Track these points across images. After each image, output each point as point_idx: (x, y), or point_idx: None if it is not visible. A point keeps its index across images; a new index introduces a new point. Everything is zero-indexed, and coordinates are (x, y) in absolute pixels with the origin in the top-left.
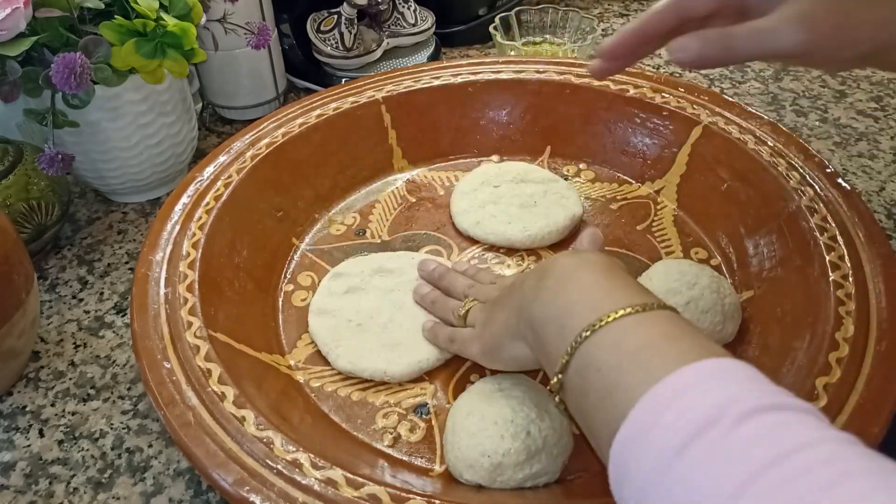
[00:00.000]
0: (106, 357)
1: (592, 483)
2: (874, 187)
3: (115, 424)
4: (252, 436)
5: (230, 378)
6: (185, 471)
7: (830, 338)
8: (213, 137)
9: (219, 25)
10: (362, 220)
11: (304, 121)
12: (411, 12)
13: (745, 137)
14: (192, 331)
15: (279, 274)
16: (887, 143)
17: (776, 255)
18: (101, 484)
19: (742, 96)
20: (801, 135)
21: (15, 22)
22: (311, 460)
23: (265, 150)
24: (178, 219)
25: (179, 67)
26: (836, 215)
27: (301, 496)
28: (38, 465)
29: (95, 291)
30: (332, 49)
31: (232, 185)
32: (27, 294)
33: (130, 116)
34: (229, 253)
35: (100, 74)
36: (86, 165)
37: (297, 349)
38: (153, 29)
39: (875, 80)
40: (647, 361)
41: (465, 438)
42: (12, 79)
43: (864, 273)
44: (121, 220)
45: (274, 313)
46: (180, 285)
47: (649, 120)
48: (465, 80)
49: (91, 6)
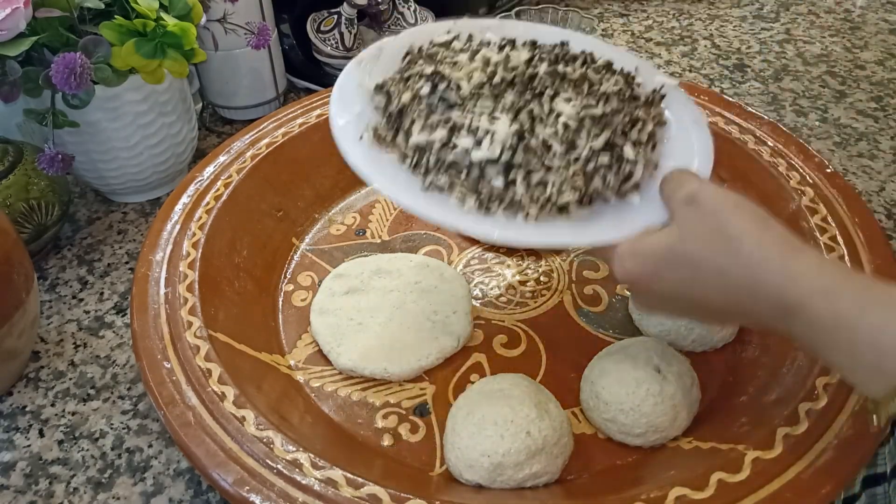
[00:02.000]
0: (106, 357)
1: (592, 483)
2: (874, 187)
3: (115, 424)
4: (252, 436)
5: (230, 378)
6: (185, 471)
7: None
8: (213, 137)
9: (219, 25)
10: (362, 220)
11: (304, 121)
12: (411, 12)
13: (745, 137)
14: (192, 331)
15: (279, 274)
16: (887, 143)
17: None
18: (101, 484)
19: (742, 96)
20: (801, 135)
21: (15, 22)
22: (311, 460)
23: (265, 150)
24: (178, 219)
25: (179, 67)
26: (836, 215)
27: (301, 496)
28: (38, 465)
29: (95, 291)
30: (332, 49)
31: (232, 184)
32: (27, 294)
33: (130, 116)
34: (229, 253)
35: (100, 74)
36: (86, 165)
37: (297, 349)
38: (153, 29)
39: (875, 80)
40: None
41: (465, 438)
42: (12, 79)
43: (864, 273)
44: (121, 220)
45: (274, 313)
46: (180, 285)
47: None
48: None
49: (91, 6)
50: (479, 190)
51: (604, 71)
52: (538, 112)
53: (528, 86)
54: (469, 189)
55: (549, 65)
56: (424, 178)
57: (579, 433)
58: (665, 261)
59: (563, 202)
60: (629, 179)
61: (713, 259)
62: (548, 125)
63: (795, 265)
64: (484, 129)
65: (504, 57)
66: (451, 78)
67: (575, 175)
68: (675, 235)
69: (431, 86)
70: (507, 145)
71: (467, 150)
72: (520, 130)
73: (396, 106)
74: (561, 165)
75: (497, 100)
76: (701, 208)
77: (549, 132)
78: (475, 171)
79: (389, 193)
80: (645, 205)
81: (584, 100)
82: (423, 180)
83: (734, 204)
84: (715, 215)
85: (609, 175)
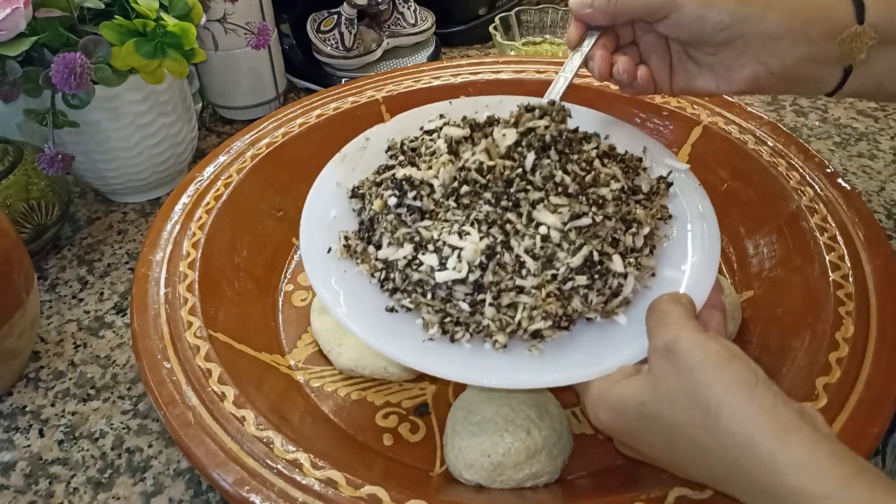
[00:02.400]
0: (106, 357)
1: (592, 483)
2: (874, 187)
3: (115, 424)
4: (252, 436)
5: (230, 378)
6: (185, 471)
7: (830, 338)
8: (213, 137)
9: (219, 25)
10: None
11: (304, 121)
12: (411, 12)
13: (745, 137)
14: (192, 331)
15: (279, 274)
16: (887, 143)
17: (776, 255)
18: (101, 484)
19: (742, 96)
20: (801, 135)
21: (15, 22)
22: (311, 460)
23: (265, 150)
24: (178, 219)
25: (179, 67)
26: (836, 215)
27: (301, 496)
28: (38, 465)
29: (95, 291)
30: (332, 49)
31: (232, 184)
32: (27, 294)
33: (130, 116)
34: (229, 253)
35: (100, 74)
36: (86, 165)
37: (297, 349)
38: (153, 29)
39: None
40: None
41: (464, 438)
42: (12, 79)
43: (864, 273)
44: (121, 220)
45: (274, 313)
46: (180, 285)
47: (649, 120)
48: (465, 80)
49: (91, 6)
50: (446, 313)
51: (606, 160)
52: (515, 222)
53: (506, 189)
54: (434, 311)
55: (538, 153)
56: (391, 297)
57: (579, 433)
58: (638, 418)
59: (533, 329)
60: (617, 295)
61: (689, 430)
62: (526, 236)
63: (786, 454)
64: (450, 245)
65: (490, 143)
66: (423, 179)
67: (549, 297)
68: (649, 391)
69: (399, 194)
70: (476, 263)
71: (432, 269)
72: (491, 245)
73: (367, 214)
74: (533, 286)
75: (471, 205)
76: (677, 363)
77: (526, 245)
78: (441, 291)
79: (342, 321)
80: (633, 326)
81: (573, 205)
82: (389, 300)
83: (715, 364)
84: (692, 375)
85: (591, 294)
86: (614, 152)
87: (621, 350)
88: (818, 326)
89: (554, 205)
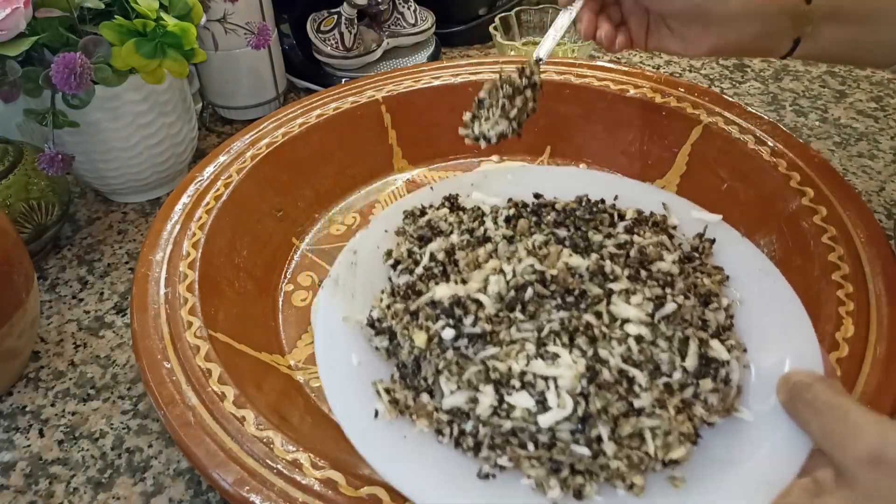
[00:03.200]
0: (106, 357)
1: None
2: (874, 187)
3: (115, 424)
4: (252, 436)
5: (230, 378)
6: (185, 471)
7: (830, 338)
8: (213, 137)
9: (219, 25)
10: (362, 220)
11: (304, 121)
12: (411, 12)
13: (745, 137)
14: (192, 331)
15: (279, 274)
16: (887, 143)
17: (776, 255)
18: (101, 484)
19: (742, 96)
20: (801, 135)
21: (15, 22)
22: (311, 460)
23: (265, 150)
24: (178, 219)
25: (179, 67)
26: (836, 215)
27: (301, 496)
28: (38, 465)
29: (95, 291)
30: (332, 49)
31: (232, 185)
32: (27, 294)
33: (130, 116)
34: (229, 253)
35: (100, 74)
36: (86, 165)
37: (297, 349)
38: (153, 29)
39: (875, 80)
40: None
41: None
42: (12, 79)
43: (864, 273)
44: (121, 220)
45: (274, 313)
46: (180, 285)
47: (649, 120)
48: (465, 80)
49: (91, 6)
50: (555, 462)
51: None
52: (596, 325)
53: (566, 282)
54: (543, 466)
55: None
56: (475, 457)
57: None
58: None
59: (673, 458)
60: (727, 385)
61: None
62: (613, 340)
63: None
64: (541, 375)
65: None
66: (469, 296)
67: (679, 414)
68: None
69: (453, 324)
70: (577, 392)
71: (530, 413)
72: (590, 365)
73: (407, 354)
74: (651, 403)
75: (536, 314)
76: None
77: (621, 352)
78: (542, 436)
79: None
80: (761, 419)
81: (643, 289)
82: (473, 461)
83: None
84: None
85: (710, 396)
86: (642, 216)
87: (776, 459)
88: (818, 326)
89: (624, 292)
